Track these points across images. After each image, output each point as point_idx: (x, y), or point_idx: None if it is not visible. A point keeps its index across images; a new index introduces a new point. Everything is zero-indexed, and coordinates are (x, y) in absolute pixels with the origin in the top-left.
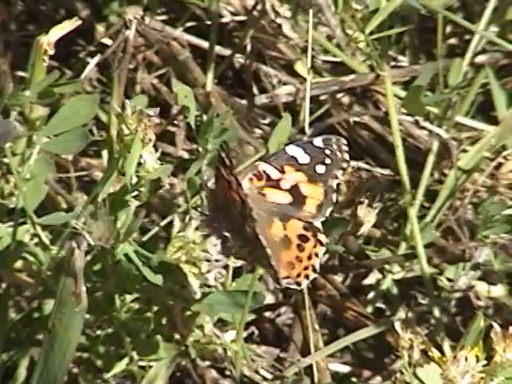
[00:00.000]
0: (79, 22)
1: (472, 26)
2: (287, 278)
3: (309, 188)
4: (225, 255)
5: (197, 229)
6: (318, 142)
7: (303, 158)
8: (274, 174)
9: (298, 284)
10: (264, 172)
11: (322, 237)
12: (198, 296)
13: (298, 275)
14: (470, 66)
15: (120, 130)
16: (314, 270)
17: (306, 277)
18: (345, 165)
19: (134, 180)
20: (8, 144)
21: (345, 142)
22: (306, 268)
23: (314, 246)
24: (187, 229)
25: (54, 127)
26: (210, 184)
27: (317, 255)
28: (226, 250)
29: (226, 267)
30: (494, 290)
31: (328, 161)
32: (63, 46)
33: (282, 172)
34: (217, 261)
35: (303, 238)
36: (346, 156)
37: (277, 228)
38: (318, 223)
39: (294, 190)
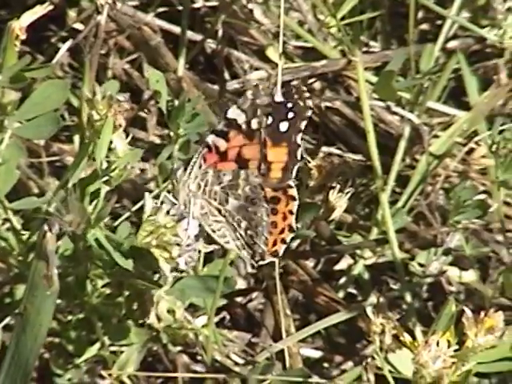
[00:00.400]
0: (51, 7)
1: (444, 11)
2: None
3: (273, 152)
4: (196, 239)
5: (168, 213)
6: (278, 97)
7: (267, 120)
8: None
9: (276, 254)
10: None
11: (292, 191)
12: (169, 281)
13: (274, 243)
14: (442, 51)
15: (90, 115)
16: (291, 230)
17: (283, 241)
18: (309, 113)
19: (105, 165)
20: None
21: (305, 88)
22: (281, 231)
23: (287, 204)
24: (158, 213)
25: (26, 112)
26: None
27: (291, 212)
28: (198, 234)
29: (197, 252)
30: (465, 276)
31: (291, 114)
32: (35, 31)
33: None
34: (188, 245)
35: (274, 200)
36: (309, 102)
37: None
38: None
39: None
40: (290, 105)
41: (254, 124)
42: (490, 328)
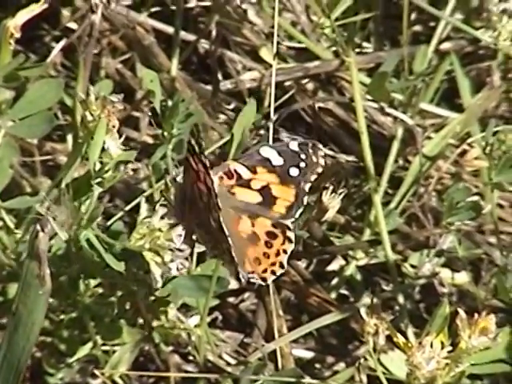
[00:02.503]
0: (46, 5)
1: (438, 12)
2: (252, 273)
3: (280, 190)
4: (189, 246)
5: (162, 217)
6: (293, 145)
7: (277, 161)
8: (246, 174)
9: (264, 280)
10: (235, 171)
11: (290, 234)
12: (159, 285)
13: (265, 271)
14: (435, 52)
15: (84, 116)
16: (282, 266)
17: (273, 273)
18: (319, 170)
19: (98, 166)
20: None
21: (321, 146)
22: (273, 264)
23: (283, 243)
24: (153, 216)
25: (19, 111)
26: (178, 177)
27: (285, 252)
28: (190, 241)
29: (189, 256)
30: (457, 277)
31: (303, 164)
32: (28, 30)
33: (254, 172)
34: (180, 251)
35: (272, 235)
36: (322, 161)
37: (245, 224)
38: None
39: (265, 191)
40: (303, 156)
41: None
42: (484, 329)
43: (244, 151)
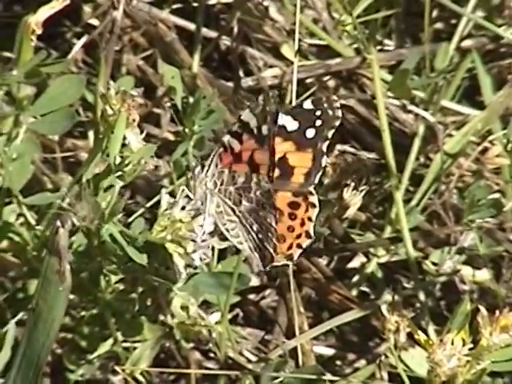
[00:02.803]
0: (67, 2)
1: (460, 9)
2: (276, 255)
3: (297, 157)
4: (211, 236)
5: (183, 208)
6: (307, 104)
7: (292, 125)
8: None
9: (290, 258)
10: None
11: (313, 198)
12: (183, 276)
13: (290, 247)
14: (457, 50)
15: (104, 110)
16: (308, 236)
17: (299, 246)
18: (337, 123)
19: (118, 160)
20: None
21: (335, 98)
22: (298, 236)
23: (306, 211)
24: (174, 207)
25: (41, 107)
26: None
27: (310, 219)
28: (213, 231)
29: (211, 249)
30: (478, 275)
31: (319, 122)
32: (49, 27)
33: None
34: (203, 241)
35: (294, 205)
36: (339, 113)
37: None
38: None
39: (281, 163)
40: (318, 113)
41: (265, 130)
42: (505, 327)
43: None
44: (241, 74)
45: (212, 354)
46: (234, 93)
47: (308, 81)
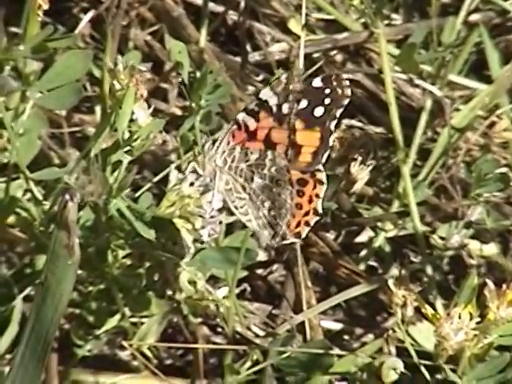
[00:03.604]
0: None
1: None
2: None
3: (304, 136)
4: (219, 213)
5: (192, 184)
6: (316, 82)
7: (301, 103)
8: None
9: (298, 235)
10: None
11: (321, 175)
12: (191, 251)
13: (298, 224)
14: (464, 24)
15: (112, 85)
16: (316, 213)
17: (307, 224)
18: (346, 101)
19: (126, 135)
20: (1, 98)
21: (344, 76)
22: (306, 213)
23: (314, 187)
24: (183, 183)
25: (48, 82)
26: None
27: (318, 196)
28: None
29: (219, 225)
30: (486, 249)
31: (327, 101)
32: (56, 2)
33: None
34: (211, 217)
35: (302, 182)
36: (348, 91)
37: None
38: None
39: (288, 141)
40: (327, 91)
41: (285, 109)
42: None
43: None
44: (248, 48)
45: (220, 329)
46: (241, 67)
47: (315, 55)
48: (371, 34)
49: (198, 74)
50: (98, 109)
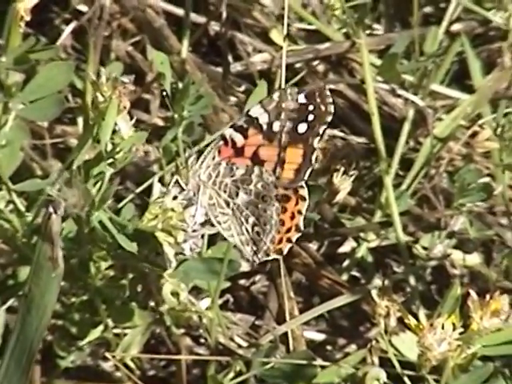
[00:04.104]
0: None
1: None
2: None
3: (287, 153)
4: (202, 227)
5: (175, 198)
6: (300, 98)
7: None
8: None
9: (280, 252)
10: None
11: (303, 192)
12: (173, 265)
13: (280, 241)
14: (446, 34)
15: (95, 97)
16: (298, 230)
17: (289, 240)
18: (329, 118)
19: (109, 147)
20: None
21: (328, 93)
22: (288, 230)
23: (296, 204)
24: (166, 196)
25: (30, 94)
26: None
27: (300, 212)
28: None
29: (201, 239)
30: (469, 259)
31: (311, 117)
32: (38, 13)
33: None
34: (193, 231)
35: (284, 198)
36: (331, 108)
37: None
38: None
39: None
40: (311, 107)
41: (276, 127)
42: (495, 311)
43: None
44: (230, 59)
45: (203, 340)
46: (223, 78)
47: (297, 66)
48: (353, 44)
49: (180, 85)
50: (80, 120)
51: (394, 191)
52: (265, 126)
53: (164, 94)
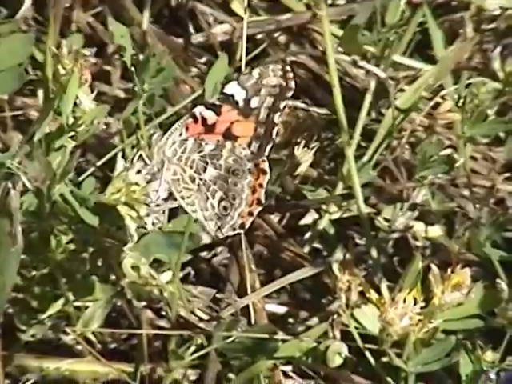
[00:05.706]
0: None
1: None
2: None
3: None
4: (164, 202)
5: (139, 172)
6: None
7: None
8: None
9: (242, 226)
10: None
11: (264, 165)
12: (135, 239)
13: (241, 216)
14: (408, 4)
15: (56, 70)
16: (259, 203)
17: (250, 214)
18: (290, 93)
19: (71, 121)
20: None
21: (289, 68)
22: (250, 204)
23: (257, 178)
24: (130, 170)
25: None
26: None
27: (261, 186)
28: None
29: (164, 214)
30: (431, 231)
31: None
32: None
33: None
34: (156, 206)
35: None
36: (292, 84)
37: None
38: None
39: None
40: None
41: (254, 103)
42: (457, 285)
43: None
44: (191, 30)
45: (164, 313)
46: (184, 49)
47: (258, 37)
48: (314, 15)
49: (141, 57)
50: (40, 92)
51: (356, 163)
52: (241, 103)
53: (125, 65)
